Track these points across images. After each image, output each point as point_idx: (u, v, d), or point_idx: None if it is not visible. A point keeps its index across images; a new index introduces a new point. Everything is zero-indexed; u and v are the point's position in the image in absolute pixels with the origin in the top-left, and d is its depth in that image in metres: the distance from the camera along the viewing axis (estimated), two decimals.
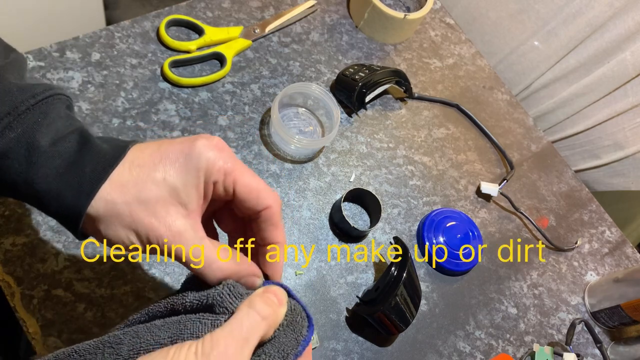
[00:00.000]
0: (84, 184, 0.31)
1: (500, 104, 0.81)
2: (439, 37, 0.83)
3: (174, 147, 0.32)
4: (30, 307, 0.47)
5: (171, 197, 0.31)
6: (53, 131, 0.32)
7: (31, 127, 0.31)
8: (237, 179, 0.33)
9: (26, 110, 0.32)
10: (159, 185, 0.31)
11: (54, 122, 0.32)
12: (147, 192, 0.31)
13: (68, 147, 0.32)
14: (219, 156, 0.32)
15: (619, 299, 0.65)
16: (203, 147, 0.32)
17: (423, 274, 0.63)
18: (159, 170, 0.31)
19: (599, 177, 1.02)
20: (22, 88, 0.32)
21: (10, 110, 0.31)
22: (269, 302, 0.30)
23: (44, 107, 0.32)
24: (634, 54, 0.87)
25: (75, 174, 0.31)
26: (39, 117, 0.32)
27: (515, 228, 0.71)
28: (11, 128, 0.31)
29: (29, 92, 0.32)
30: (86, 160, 0.31)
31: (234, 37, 0.67)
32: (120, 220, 0.31)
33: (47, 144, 0.31)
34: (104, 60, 0.60)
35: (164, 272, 0.52)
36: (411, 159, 0.70)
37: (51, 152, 0.31)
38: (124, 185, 0.31)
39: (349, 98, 0.67)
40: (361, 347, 0.56)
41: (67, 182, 0.31)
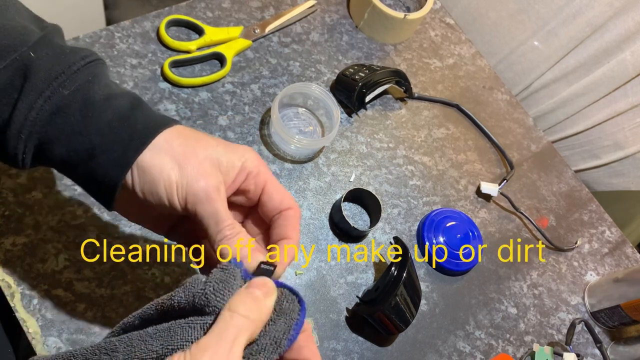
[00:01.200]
0: (134, 139, 0.33)
1: (500, 104, 0.81)
2: (439, 37, 0.83)
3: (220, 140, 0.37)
4: (30, 307, 0.47)
5: (216, 162, 0.35)
6: (105, 89, 0.35)
7: (84, 85, 0.34)
8: (268, 180, 0.37)
9: (78, 70, 0.34)
10: (210, 150, 0.35)
11: (104, 81, 0.35)
12: (201, 150, 0.35)
13: (121, 103, 0.34)
14: (258, 158, 0.37)
15: (619, 299, 0.65)
16: (246, 149, 0.37)
17: (423, 274, 0.63)
18: (211, 142, 0.35)
19: (599, 177, 1.02)
20: (72, 50, 0.35)
21: (65, 69, 0.34)
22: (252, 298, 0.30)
23: (92, 69, 0.35)
24: (634, 54, 0.87)
25: (127, 129, 0.33)
26: (90, 77, 0.35)
27: (515, 228, 0.71)
28: (65, 86, 0.33)
29: (79, 54, 0.35)
30: (139, 118, 0.34)
31: (234, 37, 0.67)
32: (171, 154, 0.34)
33: (100, 99, 0.34)
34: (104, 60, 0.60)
35: (164, 272, 0.52)
36: (411, 159, 0.70)
37: (105, 106, 0.34)
38: (184, 135, 0.35)
39: (349, 98, 0.67)
40: (361, 347, 0.56)
41: (119, 135, 0.33)
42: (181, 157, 0.34)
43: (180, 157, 0.34)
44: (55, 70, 0.33)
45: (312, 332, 0.54)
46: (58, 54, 0.34)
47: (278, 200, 0.37)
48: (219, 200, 0.34)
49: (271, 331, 0.30)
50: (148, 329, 0.30)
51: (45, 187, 0.52)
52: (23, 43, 0.33)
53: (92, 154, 0.33)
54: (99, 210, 0.53)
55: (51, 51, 0.34)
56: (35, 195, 0.51)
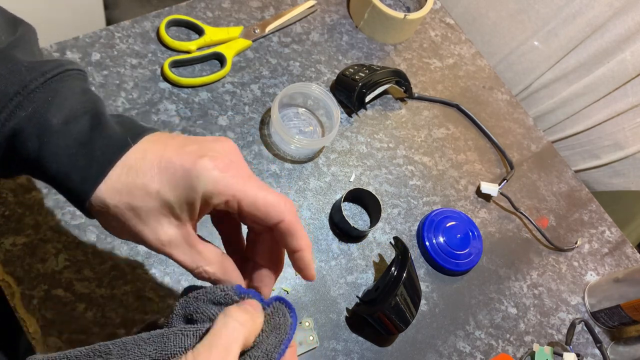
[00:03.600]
0: (92, 167, 0.30)
1: (500, 104, 0.81)
2: (439, 37, 0.83)
3: (176, 159, 0.31)
4: (30, 307, 0.47)
5: (163, 209, 0.31)
6: (66, 109, 0.31)
7: (41, 106, 0.31)
8: (242, 199, 0.31)
9: (35, 89, 0.31)
10: (152, 197, 0.30)
11: (66, 101, 0.32)
12: (140, 202, 0.30)
13: (80, 127, 0.31)
14: (221, 178, 0.30)
15: (619, 299, 0.65)
16: (203, 169, 0.30)
17: (423, 274, 0.63)
18: (155, 181, 0.30)
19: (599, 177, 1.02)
20: (31, 66, 0.32)
21: (20, 89, 0.31)
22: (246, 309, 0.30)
23: (54, 85, 0.32)
24: (634, 54, 0.87)
25: (85, 156, 0.31)
26: (49, 96, 0.31)
27: (515, 228, 0.71)
28: (22, 107, 0.31)
29: (38, 70, 0.32)
30: (97, 142, 0.31)
31: (234, 37, 0.67)
32: (113, 222, 0.31)
33: (58, 123, 0.31)
34: (104, 60, 0.60)
35: (164, 272, 0.52)
36: (411, 159, 0.70)
37: (62, 131, 0.31)
38: (118, 192, 0.30)
39: (349, 98, 0.67)
40: (361, 347, 0.56)
41: (76, 163, 0.31)
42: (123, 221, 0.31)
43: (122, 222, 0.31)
44: (10, 90, 0.30)
45: (312, 331, 0.54)
46: (13, 72, 0.31)
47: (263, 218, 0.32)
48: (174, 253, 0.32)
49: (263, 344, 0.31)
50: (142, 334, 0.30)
51: (45, 187, 0.52)
52: None
53: (53, 180, 0.31)
54: None
55: (4, 70, 0.31)
56: (35, 195, 0.51)
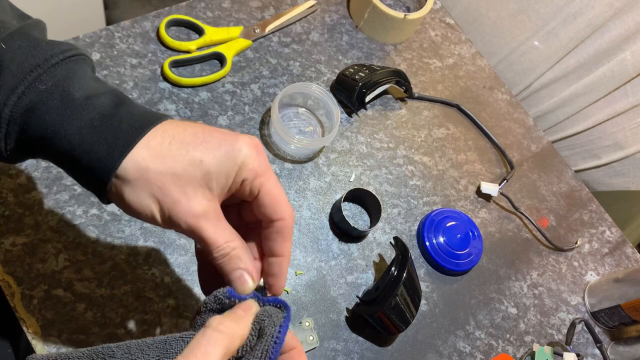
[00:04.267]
0: (119, 139, 0.30)
1: (500, 104, 0.81)
2: (439, 37, 0.83)
3: (217, 134, 0.32)
4: (30, 307, 0.47)
5: (202, 179, 0.31)
6: (86, 87, 0.31)
7: (63, 81, 0.31)
8: (264, 183, 0.33)
9: (56, 64, 0.31)
10: (195, 166, 0.31)
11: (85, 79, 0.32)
12: (183, 169, 0.31)
13: (103, 102, 0.31)
14: (256, 157, 0.33)
15: (619, 299, 0.65)
16: (245, 144, 0.32)
17: (423, 274, 0.63)
18: (199, 150, 0.31)
19: (599, 177, 1.02)
20: (50, 43, 0.32)
21: (40, 62, 0.31)
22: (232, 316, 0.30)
23: (73, 65, 0.32)
24: (634, 54, 0.87)
25: (111, 128, 0.30)
26: (69, 73, 0.31)
27: (515, 228, 0.71)
28: (41, 81, 0.30)
29: (58, 47, 0.32)
30: (123, 116, 0.31)
31: (234, 37, 0.67)
32: (149, 188, 0.31)
33: (81, 97, 0.31)
34: (104, 60, 0.60)
35: (164, 272, 0.52)
36: (411, 159, 0.70)
37: (86, 104, 0.31)
38: (161, 156, 0.31)
39: (349, 98, 0.67)
40: (361, 347, 0.56)
41: (101, 136, 0.30)
42: (158, 189, 0.31)
43: (156, 190, 0.31)
44: (30, 63, 0.30)
45: (312, 331, 0.54)
46: (33, 46, 0.31)
47: (272, 209, 0.34)
48: (205, 227, 0.32)
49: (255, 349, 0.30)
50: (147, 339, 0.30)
51: (45, 187, 0.52)
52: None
53: (72, 156, 0.31)
54: (99, 211, 0.53)
55: (25, 43, 0.31)
56: (35, 195, 0.51)
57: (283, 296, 0.56)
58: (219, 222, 0.33)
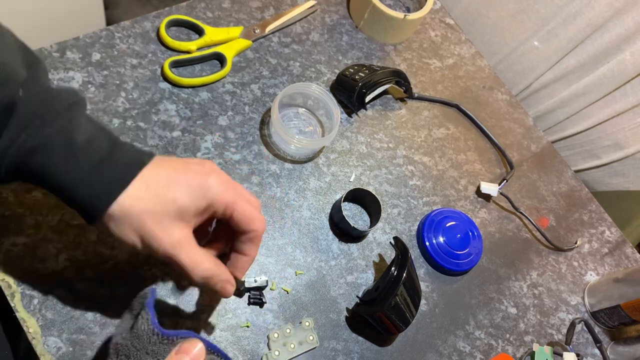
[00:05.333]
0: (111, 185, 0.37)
1: (500, 104, 0.81)
2: (439, 37, 0.83)
3: (189, 175, 0.39)
4: (31, 307, 0.47)
5: (176, 214, 0.38)
6: (86, 130, 0.37)
7: (68, 125, 0.36)
8: (235, 209, 0.41)
9: (62, 112, 0.37)
10: (169, 204, 0.38)
11: (85, 123, 0.38)
12: (160, 208, 0.38)
13: (100, 146, 0.37)
14: (226, 192, 0.40)
15: (618, 299, 0.65)
16: (214, 183, 0.40)
17: (423, 274, 0.63)
18: (172, 191, 0.38)
19: (599, 177, 1.02)
20: (58, 91, 0.38)
21: (49, 109, 0.36)
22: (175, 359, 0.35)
23: (74, 110, 0.38)
24: (634, 54, 0.87)
25: (105, 174, 0.37)
26: (72, 118, 0.37)
27: (515, 228, 0.72)
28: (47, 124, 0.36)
29: (64, 95, 0.38)
30: (115, 163, 0.37)
31: (234, 37, 0.67)
32: (131, 225, 0.37)
33: (82, 140, 0.36)
34: (104, 60, 0.60)
35: (164, 272, 0.52)
36: (411, 159, 0.70)
37: (86, 149, 0.37)
38: (141, 199, 0.37)
39: (349, 98, 0.67)
40: (361, 347, 0.56)
41: (97, 179, 0.36)
42: (138, 225, 0.37)
43: (137, 226, 0.37)
44: (40, 109, 0.36)
45: (312, 331, 0.54)
46: (44, 94, 0.37)
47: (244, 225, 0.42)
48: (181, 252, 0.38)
49: None
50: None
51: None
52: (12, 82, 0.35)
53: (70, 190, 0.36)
54: None
55: (38, 90, 0.37)
56: (35, 195, 0.51)
57: (283, 296, 0.56)
58: (192, 248, 0.39)
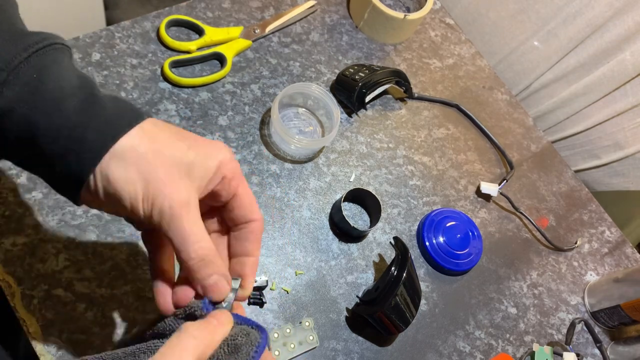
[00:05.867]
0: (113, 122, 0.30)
1: (500, 104, 0.81)
2: (439, 37, 0.83)
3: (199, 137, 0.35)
4: (31, 307, 0.47)
5: (186, 167, 0.32)
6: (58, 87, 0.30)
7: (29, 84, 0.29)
8: (241, 184, 0.36)
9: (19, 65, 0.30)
10: (182, 153, 0.32)
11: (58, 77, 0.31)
12: (171, 153, 0.32)
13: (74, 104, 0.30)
14: (233, 160, 0.35)
15: (618, 299, 0.65)
16: (224, 147, 0.35)
17: (423, 274, 0.63)
18: (187, 141, 0.33)
19: (599, 177, 1.02)
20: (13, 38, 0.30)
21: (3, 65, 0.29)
22: (206, 324, 0.31)
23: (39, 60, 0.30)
24: (634, 54, 0.87)
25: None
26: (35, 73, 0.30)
27: (515, 228, 0.72)
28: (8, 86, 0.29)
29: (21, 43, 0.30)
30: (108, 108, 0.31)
31: (234, 37, 0.67)
32: (138, 164, 0.31)
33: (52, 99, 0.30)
34: (104, 60, 0.60)
35: None
36: (411, 159, 0.70)
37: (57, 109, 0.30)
38: (153, 138, 0.32)
39: (349, 98, 0.67)
40: (361, 347, 0.56)
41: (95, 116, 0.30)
42: (147, 167, 0.31)
43: (146, 168, 0.31)
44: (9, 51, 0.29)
45: (312, 331, 0.54)
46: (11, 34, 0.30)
47: (248, 209, 0.36)
48: (186, 216, 0.31)
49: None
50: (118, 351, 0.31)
51: (45, 187, 0.52)
52: None
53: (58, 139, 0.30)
54: (99, 210, 0.53)
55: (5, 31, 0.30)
56: (35, 195, 0.51)
57: (283, 296, 0.56)
58: (197, 216, 0.32)
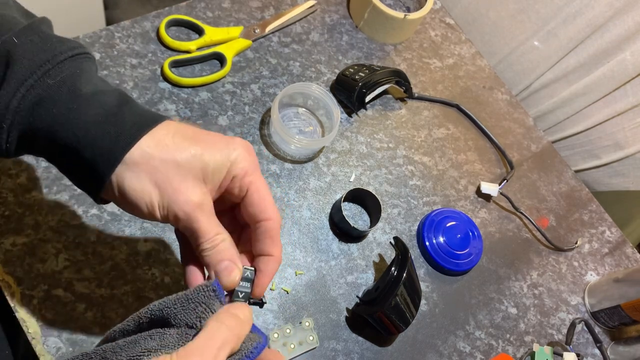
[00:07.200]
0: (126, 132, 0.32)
1: (500, 104, 0.81)
2: (439, 37, 0.83)
3: (215, 135, 0.35)
4: (30, 307, 0.47)
5: (200, 172, 0.33)
6: (93, 84, 0.33)
7: (71, 76, 0.32)
8: (253, 182, 0.35)
9: (64, 61, 0.33)
10: (196, 158, 0.33)
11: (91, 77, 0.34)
12: (185, 159, 0.33)
13: (109, 99, 0.33)
14: (247, 157, 0.35)
15: (619, 299, 0.65)
16: (239, 144, 0.35)
17: (423, 274, 0.63)
18: (199, 146, 0.34)
19: (599, 177, 1.02)
20: (60, 40, 0.34)
21: (50, 57, 0.32)
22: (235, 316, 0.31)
23: (81, 62, 0.34)
24: (634, 54, 0.87)
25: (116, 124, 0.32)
26: (77, 69, 0.33)
27: (515, 228, 0.71)
28: (50, 75, 0.32)
29: (67, 44, 0.33)
30: (127, 115, 0.33)
31: (234, 37, 0.67)
32: (151, 174, 0.32)
33: (88, 92, 0.32)
34: (104, 60, 0.60)
35: (164, 272, 0.52)
36: (411, 159, 0.70)
37: (93, 99, 0.32)
38: (166, 146, 0.33)
39: (349, 98, 0.67)
40: (361, 347, 0.56)
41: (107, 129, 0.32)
42: (161, 176, 0.32)
43: (159, 177, 0.32)
44: (40, 58, 0.32)
45: (312, 331, 0.54)
46: (44, 41, 0.33)
47: (260, 208, 0.36)
48: (200, 217, 0.33)
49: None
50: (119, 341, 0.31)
51: (45, 187, 0.52)
52: (7, 30, 0.32)
53: (76, 149, 0.32)
54: (99, 211, 0.53)
55: (36, 38, 0.33)
56: (35, 195, 0.51)
57: (283, 296, 0.56)
58: (211, 215, 0.34)
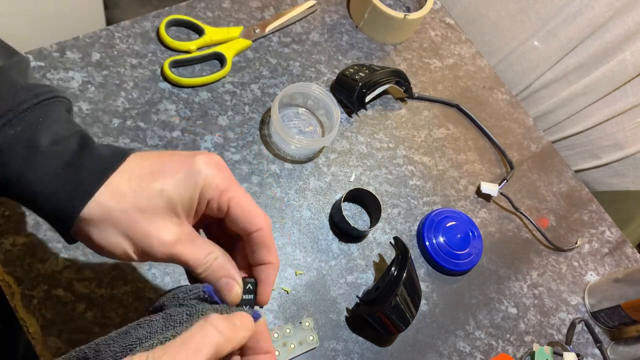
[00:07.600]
0: (81, 186, 0.31)
1: (500, 104, 0.81)
2: (439, 37, 0.83)
3: (174, 160, 0.33)
4: (30, 307, 0.47)
5: (167, 207, 0.32)
6: (53, 132, 0.32)
7: (32, 126, 0.31)
8: (232, 198, 0.33)
9: (28, 109, 0.31)
10: (157, 196, 0.31)
11: (54, 124, 0.32)
12: (145, 202, 0.31)
13: (68, 148, 0.32)
14: (217, 174, 0.33)
15: (619, 299, 0.65)
16: (203, 163, 0.33)
17: (423, 274, 0.63)
18: (158, 181, 0.32)
19: (599, 177, 1.02)
20: (25, 87, 0.32)
21: (12, 107, 0.31)
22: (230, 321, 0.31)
23: (45, 109, 0.32)
24: (634, 54, 0.87)
25: (73, 176, 0.31)
26: (40, 117, 0.32)
27: (515, 228, 0.71)
28: (11, 125, 0.31)
29: (32, 91, 0.32)
30: (85, 163, 0.31)
31: (234, 37, 0.67)
32: (116, 227, 0.31)
33: (47, 143, 0.31)
34: (104, 60, 0.60)
35: (164, 272, 0.52)
36: (411, 159, 0.70)
37: (50, 151, 0.31)
38: (122, 194, 0.31)
39: (349, 98, 0.67)
40: (361, 347, 0.56)
41: (64, 183, 0.30)
42: (126, 225, 0.31)
43: (125, 227, 0.31)
44: (2, 106, 0.31)
45: (312, 331, 0.54)
46: (8, 90, 0.32)
47: (247, 221, 0.34)
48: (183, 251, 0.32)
49: None
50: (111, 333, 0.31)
51: None
52: None
53: (35, 203, 0.31)
54: None
55: (2, 87, 0.32)
56: None
57: (283, 296, 0.56)
58: (194, 242, 0.33)
